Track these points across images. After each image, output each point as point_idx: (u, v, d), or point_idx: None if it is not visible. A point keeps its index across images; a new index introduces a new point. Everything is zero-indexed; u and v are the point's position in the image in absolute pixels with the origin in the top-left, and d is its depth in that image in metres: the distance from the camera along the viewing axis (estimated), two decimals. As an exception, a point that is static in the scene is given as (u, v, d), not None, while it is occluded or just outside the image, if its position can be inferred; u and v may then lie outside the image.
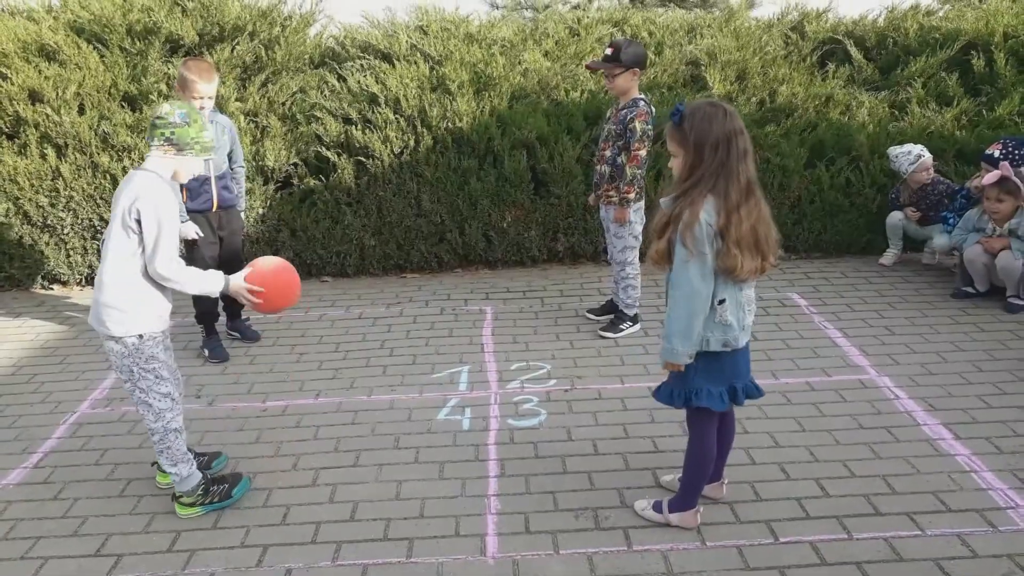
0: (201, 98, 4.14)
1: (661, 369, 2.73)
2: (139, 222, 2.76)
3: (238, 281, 3.02)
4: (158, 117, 2.87)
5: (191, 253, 4.31)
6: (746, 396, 2.76)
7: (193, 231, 4.26)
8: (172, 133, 2.85)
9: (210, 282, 2.97)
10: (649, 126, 4.29)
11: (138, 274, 2.84)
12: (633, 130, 4.25)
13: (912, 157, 5.50)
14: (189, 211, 4.28)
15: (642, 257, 4.57)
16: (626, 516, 2.97)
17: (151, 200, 2.77)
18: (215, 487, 3.08)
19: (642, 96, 4.37)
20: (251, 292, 3.02)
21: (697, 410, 2.74)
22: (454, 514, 3.03)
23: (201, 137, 2.92)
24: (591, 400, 3.91)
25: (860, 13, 7.22)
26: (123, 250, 2.81)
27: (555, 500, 3.10)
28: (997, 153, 5.03)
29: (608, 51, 4.28)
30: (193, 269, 2.95)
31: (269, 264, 3.15)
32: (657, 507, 2.94)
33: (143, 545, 2.93)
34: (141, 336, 2.89)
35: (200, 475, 3.08)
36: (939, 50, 6.43)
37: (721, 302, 2.56)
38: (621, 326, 4.65)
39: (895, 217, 5.70)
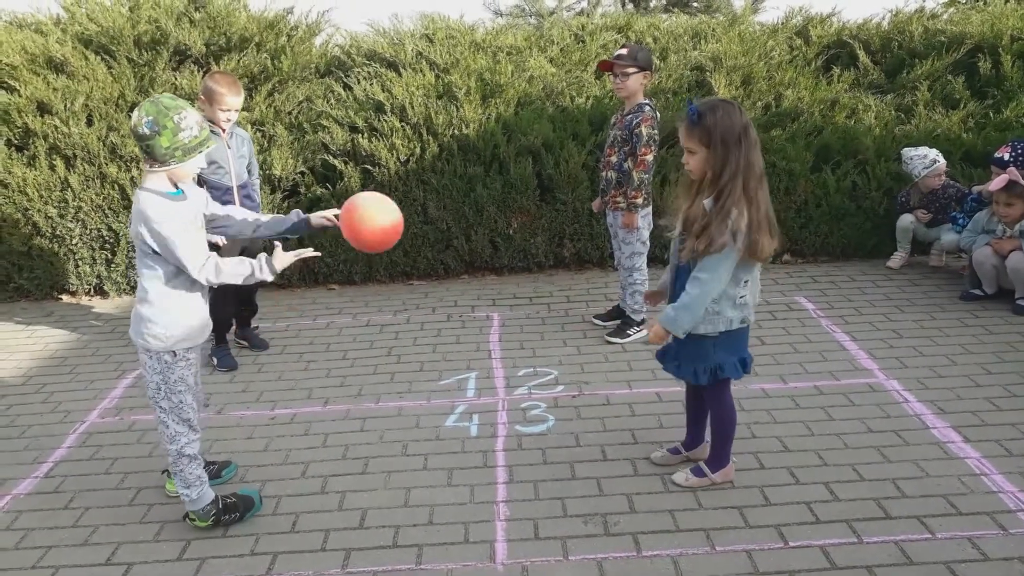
0: (228, 110, 4.16)
1: (649, 338, 2.97)
2: (150, 246, 2.71)
3: (282, 258, 2.94)
4: (132, 129, 2.68)
5: None
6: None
7: (219, 237, 4.28)
8: (147, 146, 2.65)
9: (254, 269, 2.88)
10: (655, 131, 4.29)
11: (167, 290, 2.79)
12: (639, 135, 4.26)
13: (927, 162, 5.48)
14: None
15: (650, 262, 4.59)
16: (635, 522, 2.97)
17: (151, 223, 2.67)
18: (227, 516, 3.04)
19: (647, 101, 4.38)
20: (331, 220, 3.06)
21: (720, 384, 3.00)
22: (463, 521, 3.03)
23: (179, 142, 2.65)
24: (599, 406, 3.91)
25: (864, 17, 7.23)
26: (146, 270, 2.78)
27: (564, 506, 3.09)
28: (1007, 156, 5.01)
29: (623, 51, 4.29)
30: (231, 261, 2.88)
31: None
32: (697, 472, 3.16)
33: (153, 554, 2.93)
34: (175, 354, 2.85)
35: (211, 496, 3.01)
36: (945, 53, 6.42)
37: (746, 283, 2.81)
38: (628, 331, 4.65)
39: (906, 220, 5.68)
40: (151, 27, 5.96)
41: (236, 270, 2.87)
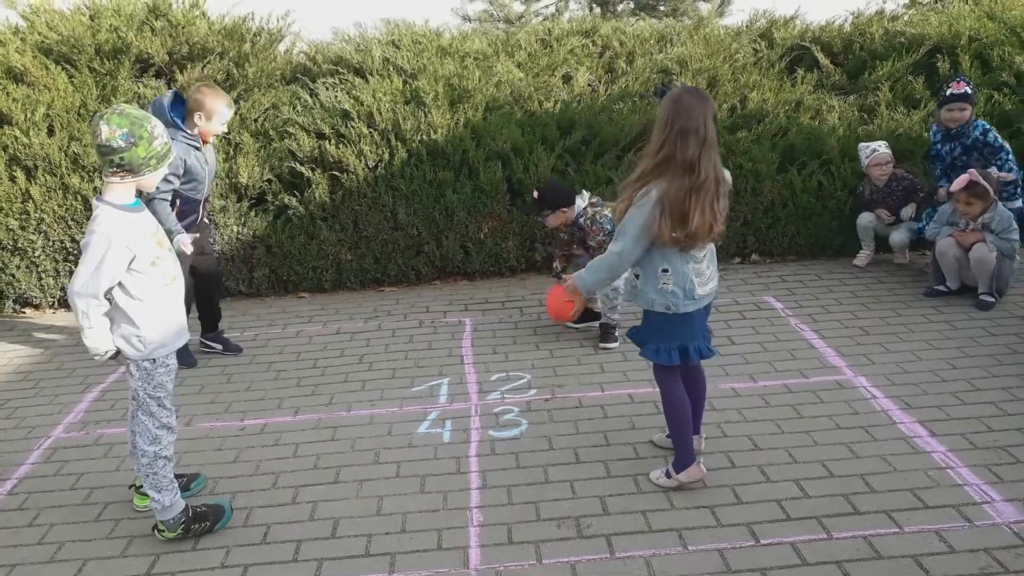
0: (224, 124, 4.25)
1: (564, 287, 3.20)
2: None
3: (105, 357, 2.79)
4: (101, 144, 2.60)
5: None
6: (700, 356, 3.09)
7: (189, 246, 4.26)
8: (121, 159, 2.61)
9: (97, 338, 2.72)
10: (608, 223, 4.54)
11: (140, 297, 2.76)
12: (602, 227, 4.53)
13: (868, 151, 5.60)
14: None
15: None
16: (608, 523, 2.98)
17: (93, 230, 2.65)
18: (196, 525, 3.00)
19: (579, 213, 4.66)
20: None
21: (657, 367, 3.12)
22: (436, 527, 3.02)
23: (153, 150, 2.66)
24: (572, 408, 3.92)
25: (827, 19, 7.34)
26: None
27: (537, 510, 3.09)
28: (969, 90, 5.23)
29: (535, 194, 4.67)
30: (103, 321, 2.72)
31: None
32: (667, 475, 3.18)
33: (121, 570, 2.89)
34: (154, 361, 2.86)
35: (182, 505, 2.98)
36: (905, 54, 6.54)
37: (664, 271, 2.91)
38: (616, 332, 4.63)
39: (865, 218, 5.76)
40: (112, 36, 5.88)
41: (93, 330, 2.71)
